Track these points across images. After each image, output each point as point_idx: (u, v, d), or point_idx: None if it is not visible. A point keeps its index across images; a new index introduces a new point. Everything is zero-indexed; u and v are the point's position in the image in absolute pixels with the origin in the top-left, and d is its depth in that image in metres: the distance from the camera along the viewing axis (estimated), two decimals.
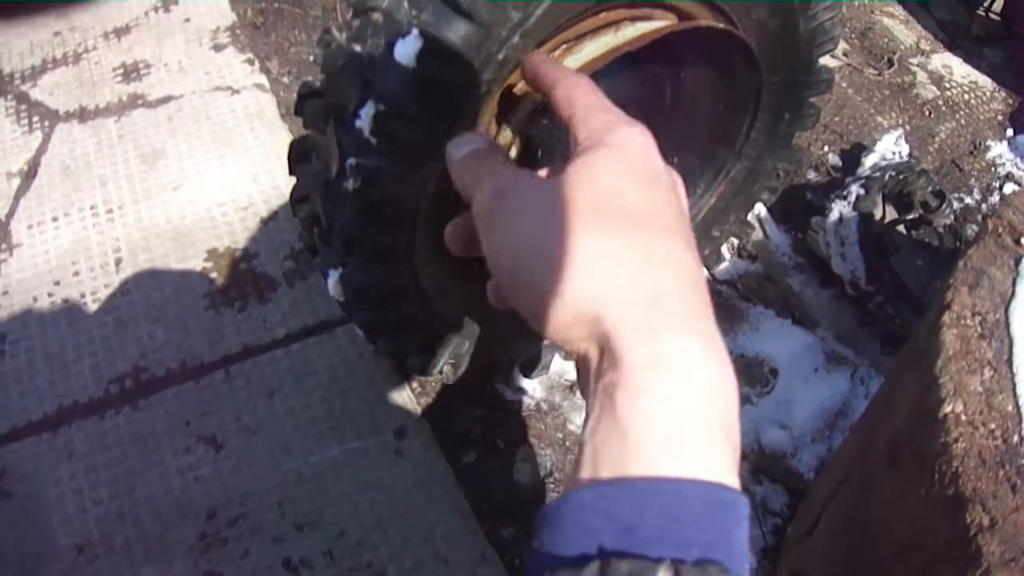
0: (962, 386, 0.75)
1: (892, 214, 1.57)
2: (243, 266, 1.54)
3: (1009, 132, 1.93)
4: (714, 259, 1.40)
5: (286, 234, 1.58)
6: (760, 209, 1.63)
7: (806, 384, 1.43)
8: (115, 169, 1.70)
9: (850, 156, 1.82)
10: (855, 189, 1.55)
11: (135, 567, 1.19)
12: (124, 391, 1.37)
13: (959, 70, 2.08)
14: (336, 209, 0.84)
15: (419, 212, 0.85)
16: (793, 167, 1.27)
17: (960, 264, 0.84)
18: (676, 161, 1.19)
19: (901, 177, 1.57)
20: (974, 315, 0.80)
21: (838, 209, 1.54)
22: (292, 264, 1.54)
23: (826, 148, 1.86)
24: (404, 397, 1.37)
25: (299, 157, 0.91)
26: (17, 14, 2.02)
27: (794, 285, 1.57)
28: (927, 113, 1.97)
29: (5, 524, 1.23)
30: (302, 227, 0.98)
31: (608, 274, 0.39)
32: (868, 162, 1.73)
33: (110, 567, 1.19)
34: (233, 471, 1.28)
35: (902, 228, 1.56)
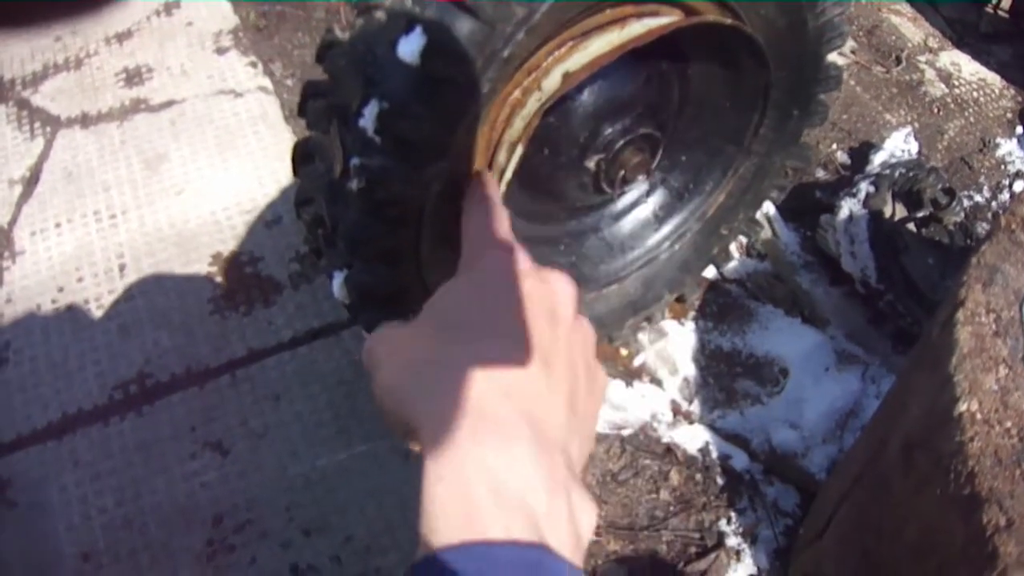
0: (977, 384, 0.74)
1: (902, 212, 1.56)
2: (248, 270, 1.53)
3: (1019, 129, 1.91)
4: (723, 257, 1.39)
5: (291, 237, 1.58)
6: (769, 207, 1.62)
7: (817, 384, 1.41)
8: (118, 174, 1.69)
9: (859, 154, 1.81)
10: (864, 187, 1.54)
11: (142, 575, 1.19)
12: (129, 397, 1.36)
13: (967, 67, 2.07)
14: (340, 210, 0.83)
15: (424, 212, 0.84)
16: (802, 165, 1.26)
17: (973, 261, 0.83)
18: (684, 159, 1.18)
19: (911, 175, 1.56)
20: (988, 312, 0.79)
21: (847, 207, 1.53)
22: (297, 267, 1.53)
23: (835, 146, 1.85)
24: None
25: (303, 159, 0.90)
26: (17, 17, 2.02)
27: (803, 284, 1.56)
28: (936, 111, 1.95)
29: (10, 533, 1.22)
30: (306, 229, 0.97)
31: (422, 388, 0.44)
32: (877, 160, 1.72)
33: (116, 575, 1.19)
34: (239, 476, 1.28)
35: (912, 226, 1.55)
